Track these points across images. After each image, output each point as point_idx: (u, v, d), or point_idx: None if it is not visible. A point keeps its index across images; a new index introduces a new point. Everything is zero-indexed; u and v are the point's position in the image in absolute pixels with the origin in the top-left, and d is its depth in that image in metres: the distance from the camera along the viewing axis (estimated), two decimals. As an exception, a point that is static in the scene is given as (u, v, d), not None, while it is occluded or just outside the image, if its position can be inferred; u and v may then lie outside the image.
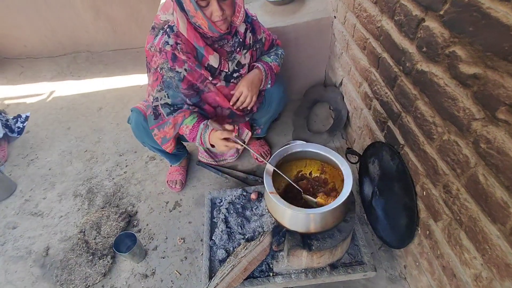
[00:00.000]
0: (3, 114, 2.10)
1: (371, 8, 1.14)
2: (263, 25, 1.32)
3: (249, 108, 1.28)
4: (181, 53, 1.08)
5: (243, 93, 1.20)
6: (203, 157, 1.67)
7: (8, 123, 2.04)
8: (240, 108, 1.26)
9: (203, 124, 1.16)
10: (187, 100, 1.19)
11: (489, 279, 0.72)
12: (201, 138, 1.16)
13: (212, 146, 1.17)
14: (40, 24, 2.57)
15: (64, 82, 2.52)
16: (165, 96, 1.15)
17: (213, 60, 1.14)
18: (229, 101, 1.26)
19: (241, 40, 1.19)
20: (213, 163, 1.67)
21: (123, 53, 2.75)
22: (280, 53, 1.35)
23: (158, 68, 1.13)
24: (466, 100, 0.72)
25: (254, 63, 1.26)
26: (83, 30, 2.63)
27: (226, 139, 1.10)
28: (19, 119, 2.15)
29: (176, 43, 1.08)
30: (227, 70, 1.21)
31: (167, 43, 1.08)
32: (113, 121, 2.09)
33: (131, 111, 1.32)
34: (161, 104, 1.17)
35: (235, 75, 1.24)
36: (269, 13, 1.66)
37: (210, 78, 1.17)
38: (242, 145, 1.08)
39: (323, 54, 1.75)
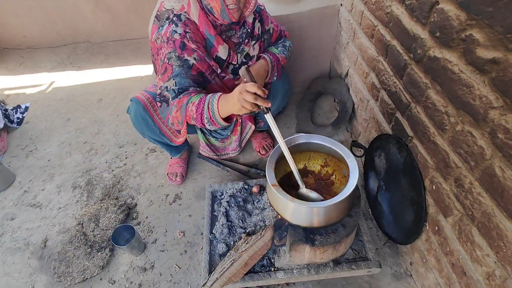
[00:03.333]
0: (2, 104, 2.07)
1: (380, -7, 1.09)
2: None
3: None
4: (190, 42, 1.03)
5: None
6: (204, 151, 1.63)
7: (7, 113, 2.02)
8: None
9: (211, 95, 0.99)
10: (195, 86, 1.09)
11: (503, 278, 0.68)
12: (208, 108, 0.97)
13: (225, 119, 0.99)
14: (39, 13, 2.53)
15: (64, 72, 2.48)
16: (173, 84, 1.06)
17: (222, 51, 1.10)
18: None
19: (249, 30, 1.15)
20: (214, 157, 1.63)
21: (124, 44, 2.70)
22: (288, 45, 1.30)
23: (166, 59, 1.05)
24: (483, 87, 0.67)
25: (261, 54, 1.22)
26: (82, 20, 2.59)
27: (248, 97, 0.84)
28: (18, 109, 2.12)
29: (185, 32, 1.03)
30: (235, 63, 1.16)
31: (175, 31, 1.03)
32: (113, 113, 2.06)
33: (131, 101, 1.28)
34: (167, 90, 1.08)
35: None
36: (272, 1, 1.61)
37: (219, 71, 1.13)
38: (263, 110, 0.86)
39: (328, 44, 1.70)
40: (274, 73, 1.23)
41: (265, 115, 0.87)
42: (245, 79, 0.87)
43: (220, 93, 0.98)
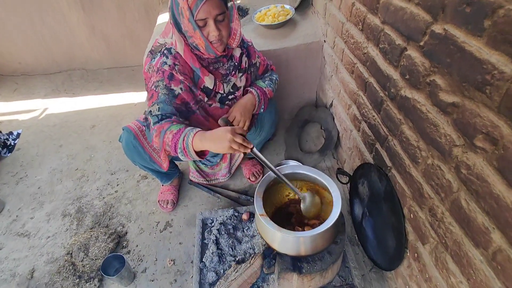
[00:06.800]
0: (2, 132, 2.09)
1: (358, 35, 1.19)
2: (257, 49, 1.37)
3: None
4: (178, 73, 1.10)
5: (236, 118, 1.21)
6: (194, 176, 1.67)
7: (7, 142, 2.03)
8: None
9: (190, 128, 1.03)
10: (177, 114, 1.13)
11: (475, 304, 0.72)
12: (183, 140, 1.00)
13: (199, 155, 1.03)
14: (35, 41, 2.61)
15: (57, 99, 2.53)
16: (157, 110, 1.09)
17: (208, 81, 1.17)
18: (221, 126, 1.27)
19: (236, 63, 1.23)
20: (204, 183, 1.67)
21: (118, 71, 2.78)
22: (274, 78, 1.38)
23: (154, 86, 1.11)
24: (447, 126, 0.75)
25: (248, 88, 1.29)
26: (78, 47, 2.67)
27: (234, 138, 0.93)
28: (10, 136, 2.13)
29: (174, 64, 1.11)
30: (222, 92, 1.23)
31: (165, 63, 1.10)
32: (106, 139, 2.09)
33: (123, 129, 1.33)
34: (151, 115, 1.11)
35: (230, 97, 1.27)
36: (261, 36, 1.72)
37: (206, 99, 1.19)
38: (248, 152, 0.95)
39: (314, 76, 1.80)
40: (261, 105, 1.30)
41: (251, 151, 0.95)
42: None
43: (199, 129, 1.01)
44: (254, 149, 0.96)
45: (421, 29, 0.79)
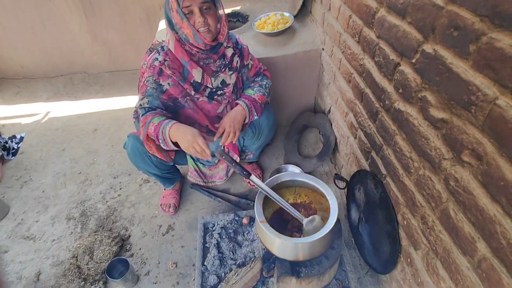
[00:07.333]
0: (2, 136, 2.12)
1: (355, 47, 1.23)
2: (255, 55, 1.41)
3: (234, 142, 1.33)
4: (167, 68, 1.19)
5: (226, 130, 1.26)
6: (192, 176, 1.71)
7: (7, 145, 2.07)
8: (226, 144, 1.31)
9: (168, 120, 1.15)
10: (164, 108, 1.24)
11: (463, 308, 0.77)
12: (162, 132, 1.13)
13: (175, 145, 1.16)
14: (36, 46, 2.64)
15: (60, 102, 2.56)
16: (146, 103, 1.21)
17: (196, 74, 1.23)
18: (209, 118, 1.34)
19: (227, 62, 1.29)
20: (201, 183, 1.71)
21: (119, 75, 2.81)
22: (265, 83, 1.42)
23: (145, 81, 1.22)
24: (437, 140, 0.79)
25: (236, 101, 1.33)
26: (79, 52, 2.70)
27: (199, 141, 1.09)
28: (14, 139, 2.17)
29: (164, 60, 1.20)
30: (210, 86, 1.28)
31: (157, 59, 1.20)
32: (108, 143, 2.13)
33: (128, 137, 1.37)
34: (140, 107, 1.22)
35: (219, 92, 1.32)
36: (261, 44, 1.76)
37: (193, 93, 1.26)
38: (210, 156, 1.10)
39: (313, 83, 1.84)
40: (253, 113, 1.34)
41: (249, 177, 1.04)
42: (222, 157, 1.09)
43: (175, 122, 1.14)
44: (253, 177, 1.05)
45: (413, 47, 0.83)
